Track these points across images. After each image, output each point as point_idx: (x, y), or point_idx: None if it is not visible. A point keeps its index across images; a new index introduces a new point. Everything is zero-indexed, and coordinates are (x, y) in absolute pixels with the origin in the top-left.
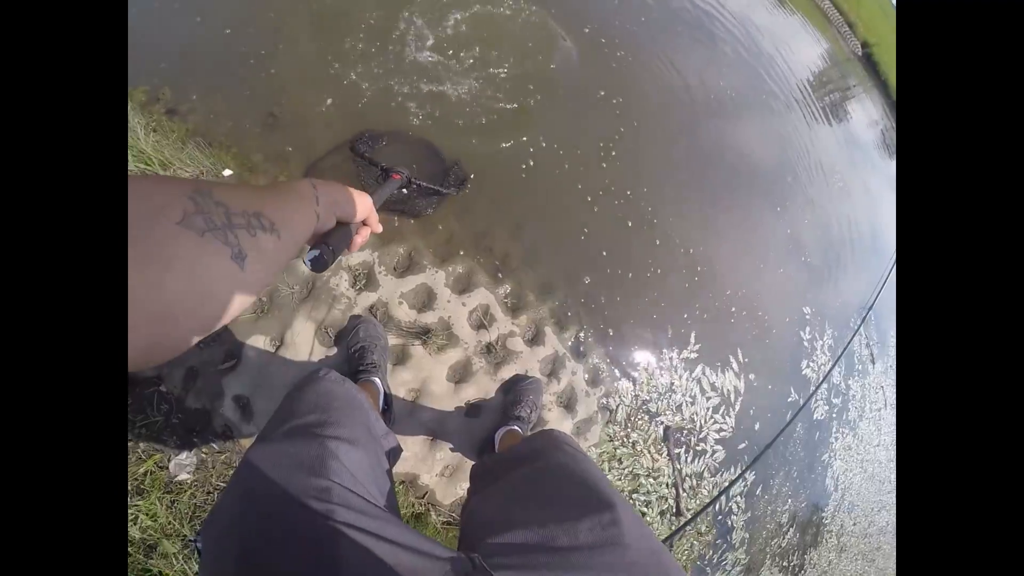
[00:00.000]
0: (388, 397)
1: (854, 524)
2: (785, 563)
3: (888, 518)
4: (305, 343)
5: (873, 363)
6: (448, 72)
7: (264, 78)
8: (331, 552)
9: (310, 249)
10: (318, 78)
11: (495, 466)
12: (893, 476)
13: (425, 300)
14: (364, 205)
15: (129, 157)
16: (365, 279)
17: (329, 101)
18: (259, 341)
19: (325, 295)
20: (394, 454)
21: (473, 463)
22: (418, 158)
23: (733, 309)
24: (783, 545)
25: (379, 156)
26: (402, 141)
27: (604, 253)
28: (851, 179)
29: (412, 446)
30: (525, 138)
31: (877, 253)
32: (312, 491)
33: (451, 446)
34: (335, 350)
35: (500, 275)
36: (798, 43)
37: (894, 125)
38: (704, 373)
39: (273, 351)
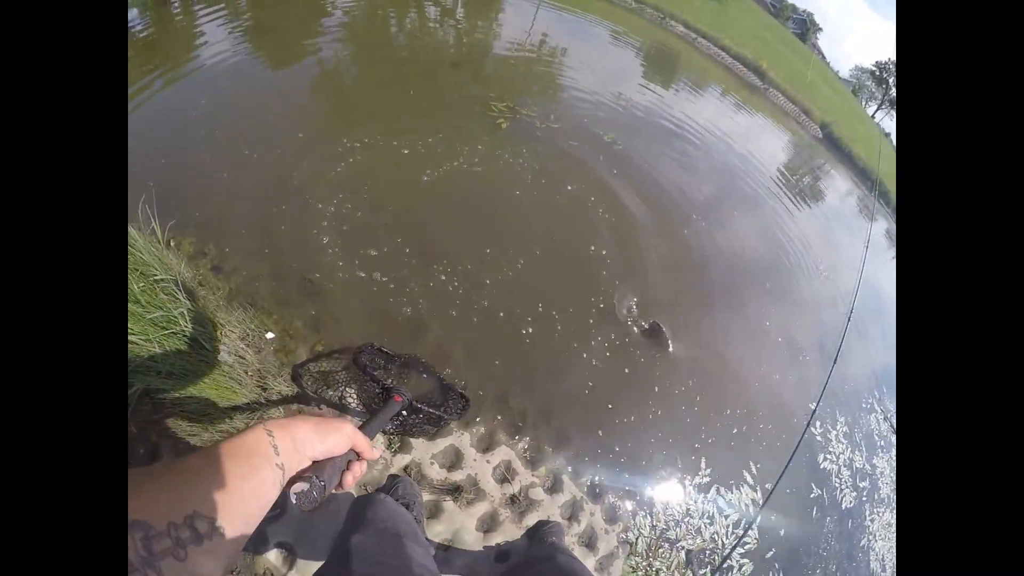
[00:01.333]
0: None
1: None
2: None
3: None
4: (346, 500)
5: (896, 433)
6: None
7: (303, 243)
8: None
9: (299, 482)
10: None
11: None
12: None
13: (454, 460)
14: (345, 435)
15: (186, 319)
16: (399, 443)
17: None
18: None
19: None
20: None
21: None
22: (418, 379)
23: (734, 431)
24: None
25: (381, 372)
26: (404, 364)
27: (609, 405)
28: (836, 260)
29: None
30: (519, 310)
31: (877, 324)
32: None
33: None
34: None
35: (518, 433)
36: (764, 140)
37: (867, 191)
38: (719, 493)
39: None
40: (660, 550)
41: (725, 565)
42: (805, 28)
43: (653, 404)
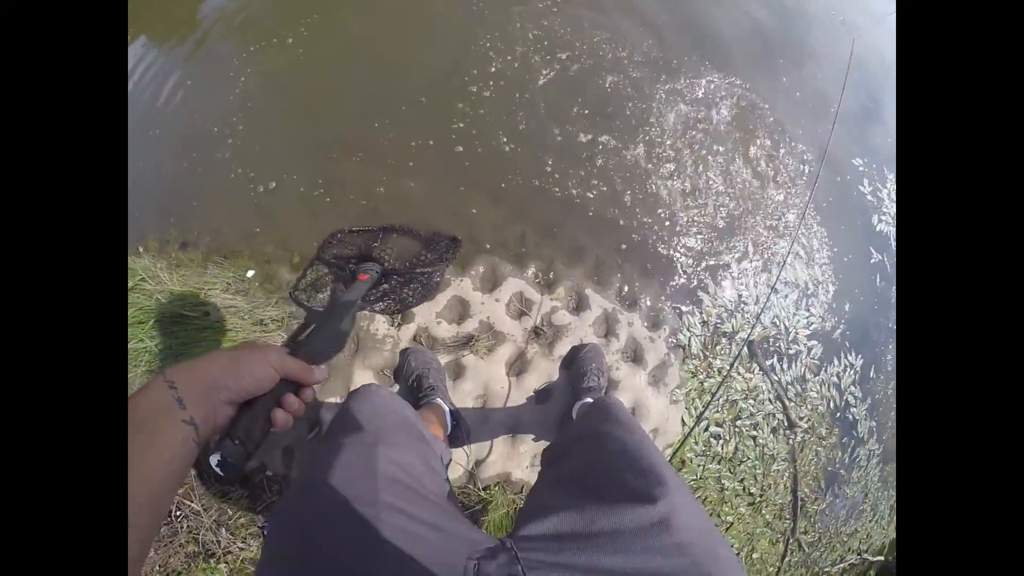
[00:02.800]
0: (455, 414)
1: None
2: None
3: None
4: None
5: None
6: None
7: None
8: (369, 532)
9: (212, 453)
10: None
11: (555, 450)
12: None
13: (460, 311)
14: (268, 364)
15: (167, 299)
16: (400, 316)
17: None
18: (331, 404)
19: (371, 343)
20: (446, 462)
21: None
22: (402, 245)
23: (773, 199)
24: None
25: (352, 250)
26: (384, 233)
27: (627, 196)
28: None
29: (496, 448)
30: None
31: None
32: (363, 486)
33: (532, 437)
34: (396, 387)
35: (522, 259)
36: None
37: None
38: (772, 273)
39: None
40: (718, 346)
41: (792, 351)
42: None
43: (674, 179)
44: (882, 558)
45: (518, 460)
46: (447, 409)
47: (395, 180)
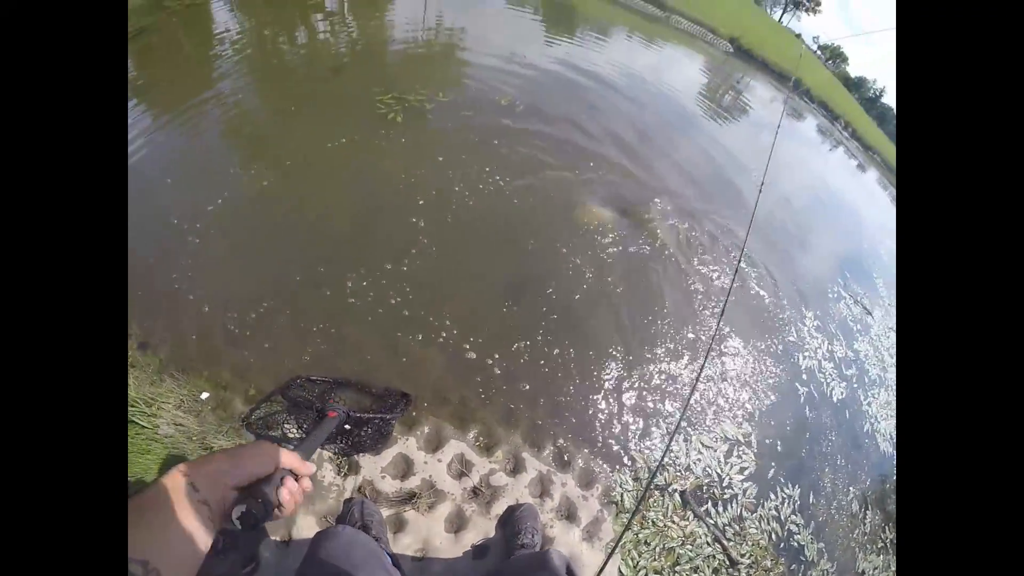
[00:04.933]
0: (394, 560)
1: None
2: (880, 544)
3: None
4: (311, 535)
5: (871, 313)
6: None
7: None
8: None
9: (237, 504)
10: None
11: None
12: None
13: (404, 468)
14: (265, 453)
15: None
16: (347, 465)
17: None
18: (271, 543)
19: (317, 489)
20: None
21: None
22: (356, 396)
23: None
24: (867, 531)
25: (315, 398)
26: (337, 384)
27: (566, 356)
28: (774, 166)
29: None
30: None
31: (827, 219)
32: None
33: None
34: None
35: (465, 422)
36: (680, 68)
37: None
38: (701, 429)
39: (286, 548)
40: (651, 500)
41: (727, 495)
42: None
43: (603, 349)
44: None
45: None
46: (388, 558)
47: (351, 325)
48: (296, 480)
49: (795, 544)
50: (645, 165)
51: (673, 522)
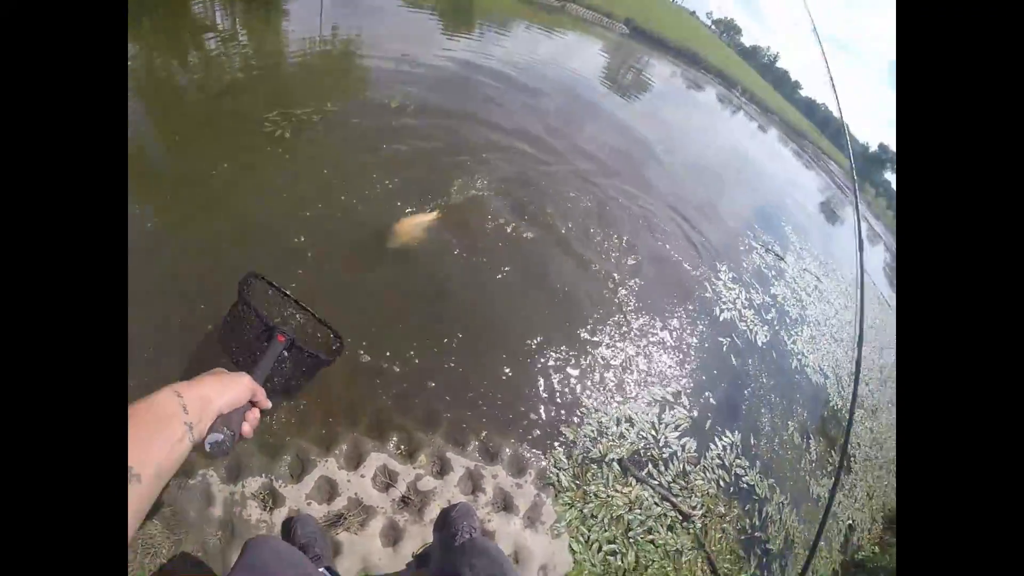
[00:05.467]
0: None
1: (866, 384)
2: (828, 467)
3: (890, 356)
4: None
5: (783, 259)
6: None
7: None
8: None
9: (211, 433)
10: None
11: None
12: (870, 318)
13: (328, 490)
14: (244, 385)
15: None
16: (271, 498)
17: None
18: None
19: (245, 529)
20: None
21: None
22: (298, 318)
23: (633, 309)
24: (815, 458)
25: (264, 308)
26: (285, 297)
27: (473, 349)
28: (679, 136)
29: None
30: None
31: (738, 177)
32: None
33: None
34: None
35: (382, 431)
36: (580, 54)
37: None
38: (628, 397)
39: None
40: (589, 474)
41: (666, 454)
42: None
43: (511, 335)
44: None
45: None
46: None
47: None
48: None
49: (744, 485)
50: (546, 148)
51: (616, 491)
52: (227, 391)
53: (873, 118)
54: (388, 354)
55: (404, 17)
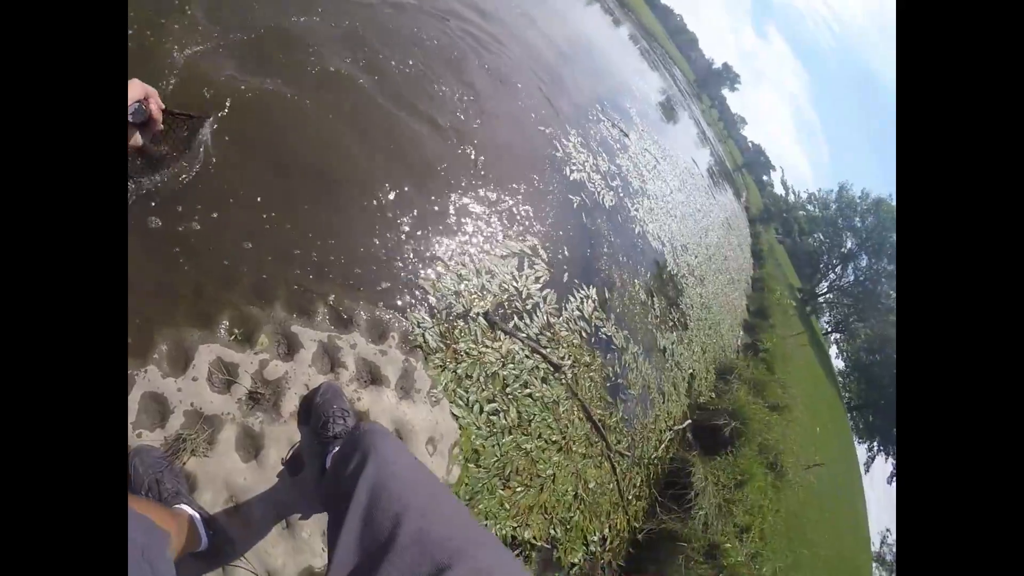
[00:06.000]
0: (209, 522)
1: (695, 257)
2: (671, 323)
3: (714, 236)
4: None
5: (627, 135)
6: None
7: None
8: None
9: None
10: None
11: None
12: (697, 204)
13: (159, 409)
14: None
15: None
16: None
17: None
18: None
19: None
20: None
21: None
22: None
23: (483, 171)
24: (658, 314)
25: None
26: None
27: (304, 208)
28: (531, 21)
29: (274, 545)
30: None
31: (585, 60)
32: None
33: (300, 516)
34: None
35: (206, 316)
36: None
37: None
38: (485, 250)
39: None
40: (456, 332)
41: (529, 305)
42: None
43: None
44: (689, 421)
45: (310, 548)
46: (196, 516)
47: None
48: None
49: (603, 336)
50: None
51: (486, 347)
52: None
53: (723, 41)
54: (178, 210)
55: None
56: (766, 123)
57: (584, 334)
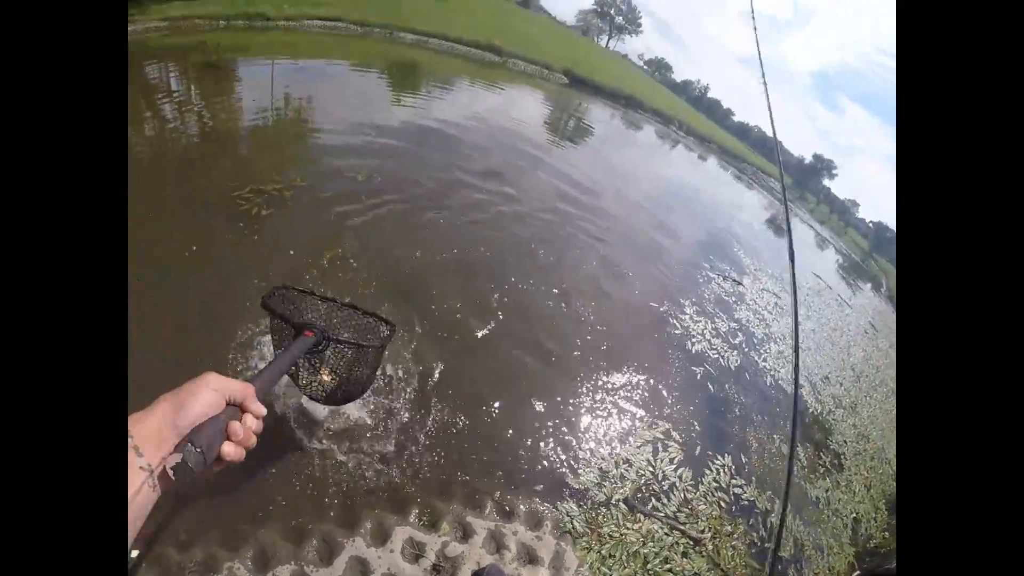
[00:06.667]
0: None
1: (839, 385)
2: (821, 469)
3: (858, 352)
4: None
5: (741, 283)
6: None
7: None
8: None
9: (172, 454)
10: None
11: None
12: (831, 323)
13: (361, 570)
14: (208, 388)
15: None
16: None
17: None
18: None
19: None
20: None
21: None
22: (338, 317)
23: (603, 358)
24: (804, 464)
25: (295, 314)
26: (323, 301)
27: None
28: (623, 186)
29: None
30: None
31: (680, 214)
32: None
33: None
34: None
35: (402, 505)
36: (524, 105)
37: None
38: (622, 442)
39: None
40: (599, 516)
41: (666, 486)
42: None
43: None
44: (857, 573)
45: None
46: None
47: None
48: (245, 417)
49: (745, 502)
50: (507, 196)
51: (628, 528)
52: (185, 405)
53: (802, 131)
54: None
55: (352, 82)
56: (878, 195)
57: (723, 504)
